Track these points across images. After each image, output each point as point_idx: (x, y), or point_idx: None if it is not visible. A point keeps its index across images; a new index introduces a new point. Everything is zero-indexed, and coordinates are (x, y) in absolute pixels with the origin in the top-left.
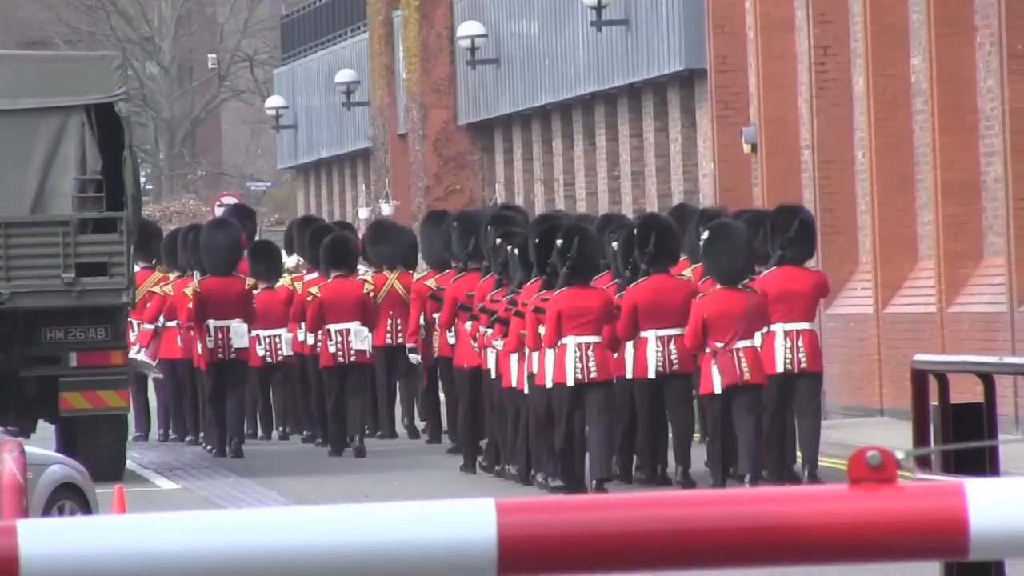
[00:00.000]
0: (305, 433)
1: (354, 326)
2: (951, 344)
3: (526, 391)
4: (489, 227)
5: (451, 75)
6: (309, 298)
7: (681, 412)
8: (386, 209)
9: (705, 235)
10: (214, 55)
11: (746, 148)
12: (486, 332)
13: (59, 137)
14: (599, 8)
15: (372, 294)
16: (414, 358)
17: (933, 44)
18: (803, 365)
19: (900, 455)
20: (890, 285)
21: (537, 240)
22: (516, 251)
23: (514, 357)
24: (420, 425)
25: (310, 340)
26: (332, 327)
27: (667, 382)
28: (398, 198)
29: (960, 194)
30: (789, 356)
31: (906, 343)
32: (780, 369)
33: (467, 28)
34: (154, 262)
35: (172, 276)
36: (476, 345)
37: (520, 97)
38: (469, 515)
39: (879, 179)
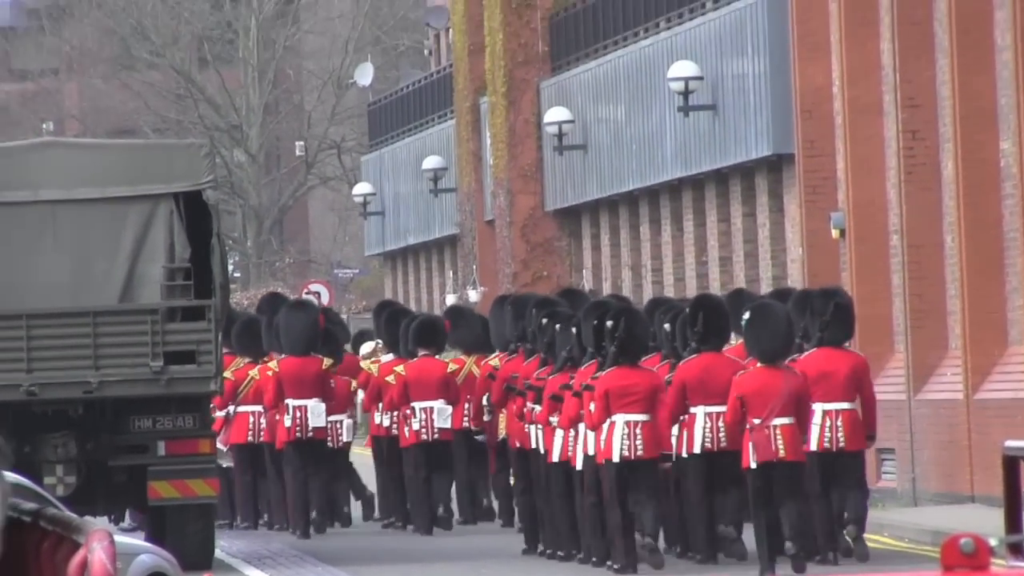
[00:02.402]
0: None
1: (438, 404)
2: None
3: (578, 467)
4: (534, 310)
5: (538, 161)
6: (390, 378)
7: (731, 490)
8: (473, 295)
9: (746, 316)
10: (301, 142)
11: (834, 233)
12: (534, 409)
13: (148, 225)
14: (686, 93)
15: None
16: (480, 439)
17: (1022, 128)
18: (841, 444)
19: (993, 542)
20: (980, 370)
21: (595, 323)
22: (573, 331)
23: (559, 434)
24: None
25: (385, 422)
26: (417, 405)
27: (716, 460)
28: (486, 284)
29: None
30: (828, 435)
31: (997, 429)
32: (815, 447)
33: (554, 114)
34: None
35: (244, 362)
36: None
37: (607, 183)
38: None
39: (968, 264)
